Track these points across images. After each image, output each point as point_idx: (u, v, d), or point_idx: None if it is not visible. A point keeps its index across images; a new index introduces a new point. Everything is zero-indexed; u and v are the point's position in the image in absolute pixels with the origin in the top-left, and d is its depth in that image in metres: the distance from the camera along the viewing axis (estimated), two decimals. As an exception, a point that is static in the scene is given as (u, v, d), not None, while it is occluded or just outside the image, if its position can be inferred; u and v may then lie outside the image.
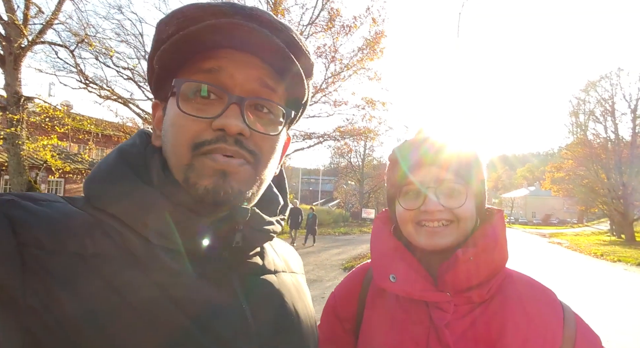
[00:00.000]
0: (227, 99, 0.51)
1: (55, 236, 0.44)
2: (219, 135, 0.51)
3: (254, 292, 0.56)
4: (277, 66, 0.54)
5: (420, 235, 0.81)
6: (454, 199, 0.80)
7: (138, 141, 0.57)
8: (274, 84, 0.55)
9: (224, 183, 0.50)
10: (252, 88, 0.53)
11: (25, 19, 8.26)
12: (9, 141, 8.33)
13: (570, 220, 62.55)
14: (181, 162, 0.51)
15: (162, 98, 0.58)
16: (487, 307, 0.79)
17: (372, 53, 13.73)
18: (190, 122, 0.51)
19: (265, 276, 0.60)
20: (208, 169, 0.50)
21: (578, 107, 30.19)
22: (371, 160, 36.22)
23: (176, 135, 0.52)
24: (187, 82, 0.52)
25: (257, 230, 0.57)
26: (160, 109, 0.59)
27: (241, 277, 0.56)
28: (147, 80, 0.60)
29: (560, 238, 27.26)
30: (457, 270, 0.77)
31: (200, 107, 0.52)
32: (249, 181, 0.53)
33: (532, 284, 0.83)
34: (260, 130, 0.53)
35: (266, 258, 0.62)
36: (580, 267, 12.45)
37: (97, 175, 0.53)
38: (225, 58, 0.52)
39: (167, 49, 0.51)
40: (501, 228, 0.82)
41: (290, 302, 0.61)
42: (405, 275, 0.80)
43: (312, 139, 15.10)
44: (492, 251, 0.78)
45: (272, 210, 0.64)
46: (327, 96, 14.60)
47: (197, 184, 0.50)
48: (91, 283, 0.42)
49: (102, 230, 0.47)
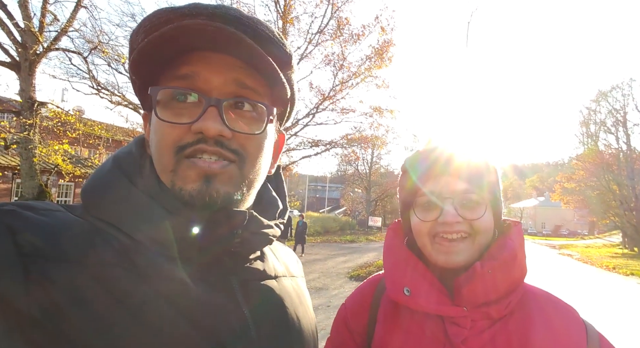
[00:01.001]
0: (204, 102, 0.51)
1: (58, 245, 0.44)
2: (199, 137, 0.50)
3: (254, 298, 0.56)
4: (249, 62, 0.53)
5: (436, 251, 0.79)
6: (472, 210, 0.78)
7: (134, 149, 0.58)
8: (253, 83, 0.54)
9: (208, 188, 0.50)
10: (230, 90, 0.53)
11: (41, 26, 8.46)
12: (22, 145, 8.47)
13: (580, 231, 61.40)
14: (166, 168, 0.52)
15: (148, 108, 0.59)
16: (507, 323, 0.75)
17: (380, 61, 13.78)
18: (170, 129, 0.51)
19: (266, 282, 0.60)
20: (190, 174, 0.50)
21: (589, 117, 29.88)
22: (378, 168, 36.14)
23: (159, 142, 0.52)
24: (162, 90, 0.52)
25: (256, 234, 0.56)
26: (148, 120, 0.59)
27: (242, 282, 0.56)
28: (134, 91, 0.60)
29: (571, 249, 26.75)
30: (474, 284, 0.74)
31: (179, 112, 0.51)
32: (235, 182, 0.53)
33: (553, 300, 0.80)
34: (243, 130, 0.53)
35: (267, 262, 0.62)
36: (592, 280, 12.16)
37: (94, 183, 0.53)
38: (198, 62, 0.52)
39: (136, 59, 0.51)
40: (520, 241, 0.79)
41: (291, 307, 0.61)
42: (420, 288, 0.78)
43: (320, 147, 15.11)
44: (511, 264, 0.75)
45: (272, 214, 0.63)
46: (335, 103, 14.65)
47: (182, 189, 0.50)
48: (94, 292, 0.42)
49: (102, 238, 0.47)
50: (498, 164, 0.84)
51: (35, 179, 8.68)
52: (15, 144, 8.72)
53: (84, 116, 13.72)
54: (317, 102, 14.60)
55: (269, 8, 12.36)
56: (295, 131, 14.84)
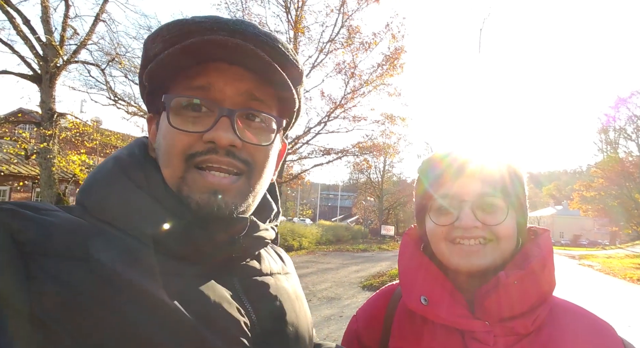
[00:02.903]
0: (217, 111, 0.52)
1: (59, 243, 0.44)
2: (210, 147, 0.52)
3: (253, 292, 0.57)
4: (264, 77, 0.55)
5: (453, 254, 0.73)
6: (492, 215, 0.72)
7: (137, 151, 0.58)
8: (263, 95, 0.56)
9: (216, 199, 0.51)
10: (242, 101, 0.54)
11: (61, 40, 8.75)
12: (41, 155, 8.70)
13: (601, 241, 59.40)
14: (174, 174, 0.53)
15: (155, 111, 0.60)
16: (534, 340, 0.69)
17: (391, 69, 13.79)
18: (181, 136, 0.52)
19: (264, 279, 0.61)
20: (200, 185, 0.51)
21: (607, 124, 29.16)
22: (391, 176, 35.88)
23: (168, 148, 0.53)
24: (177, 98, 0.53)
25: (254, 238, 0.57)
26: (153, 123, 0.60)
27: (241, 280, 0.57)
28: (140, 94, 0.62)
29: (591, 260, 25.87)
30: (498, 296, 0.68)
31: (191, 121, 0.53)
32: (243, 194, 0.54)
33: (587, 316, 0.73)
34: (253, 141, 0.54)
35: (262, 262, 0.63)
36: (615, 292, 11.70)
37: (95, 184, 0.54)
38: (214, 73, 0.53)
39: (154, 68, 0.52)
40: (548, 250, 0.73)
41: (288, 302, 0.62)
42: (438, 297, 0.72)
43: (331, 155, 15.11)
44: (539, 275, 0.69)
45: (265, 216, 0.64)
46: (347, 111, 14.69)
47: (189, 198, 0.51)
48: (98, 289, 0.43)
49: (104, 236, 0.48)
50: (523, 168, 0.79)
51: (53, 188, 8.89)
52: (35, 154, 8.97)
53: (102, 127, 14.06)
54: (329, 111, 14.67)
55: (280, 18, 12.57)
56: (307, 140, 14.91)
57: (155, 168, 0.55)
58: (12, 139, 9.37)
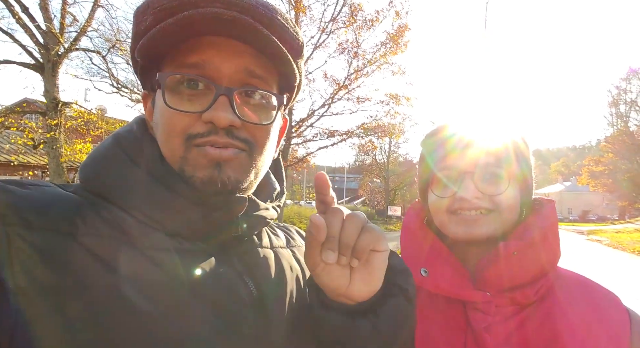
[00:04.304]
0: (215, 90, 0.50)
1: (43, 216, 0.43)
2: (210, 128, 0.50)
3: (252, 266, 0.57)
4: (263, 51, 0.53)
5: (454, 223, 0.73)
6: (493, 185, 0.72)
7: (135, 128, 0.58)
8: (262, 71, 0.54)
9: (219, 174, 0.50)
10: (240, 78, 0.52)
11: (61, 27, 8.67)
12: (48, 144, 8.78)
13: (610, 216, 59.05)
14: (175, 154, 0.52)
15: (150, 89, 0.58)
16: (536, 309, 0.70)
17: (395, 47, 13.49)
18: (179, 116, 0.50)
19: (263, 251, 0.60)
20: (201, 162, 0.50)
21: (618, 96, 28.49)
22: (397, 157, 35.68)
23: (166, 128, 0.52)
24: (172, 76, 0.51)
25: (253, 217, 0.57)
26: (149, 100, 0.59)
27: (239, 256, 0.56)
28: (133, 70, 0.60)
29: (600, 235, 25.82)
30: (498, 267, 0.68)
31: (188, 99, 0.51)
32: (245, 169, 0.53)
33: (591, 286, 0.74)
34: (253, 120, 0.53)
35: (263, 238, 0.63)
36: (623, 266, 11.72)
37: (93, 160, 0.53)
38: (208, 48, 0.51)
39: (146, 44, 0.50)
40: (552, 221, 0.72)
41: (291, 273, 0.61)
42: (439, 269, 0.73)
43: (336, 137, 15.02)
44: (540, 246, 0.69)
45: (266, 195, 0.63)
46: (350, 92, 14.48)
47: (193, 176, 0.50)
48: (83, 260, 0.42)
49: (95, 210, 0.47)
50: (527, 138, 0.78)
51: (62, 177, 9.00)
52: (43, 143, 9.05)
53: (106, 115, 14.08)
54: (332, 92, 14.47)
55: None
56: (311, 122, 14.79)
57: (152, 144, 0.54)
58: (19, 129, 9.45)
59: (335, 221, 0.49)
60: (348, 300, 0.52)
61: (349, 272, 0.51)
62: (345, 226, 0.49)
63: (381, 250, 0.51)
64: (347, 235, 0.49)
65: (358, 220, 0.49)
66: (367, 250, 0.50)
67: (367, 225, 0.50)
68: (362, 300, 0.52)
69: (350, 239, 0.49)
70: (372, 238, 0.49)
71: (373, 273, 0.51)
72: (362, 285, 0.51)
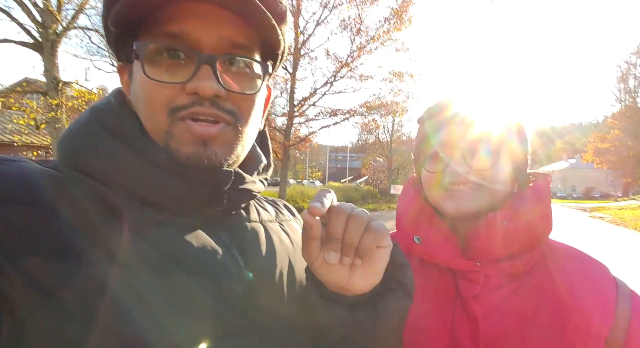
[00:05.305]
0: (197, 59, 0.48)
1: (20, 190, 0.42)
2: (194, 99, 0.48)
3: (241, 239, 0.56)
4: (245, 17, 0.50)
5: (444, 199, 0.75)
6: (482, 159, 0.72)
7: (113, 101, 0.55)
8: (244, 39, 0.51)
9: (206, 150, 0.49)
10: (222, 47, 0.50)
11: (59, 5, 8.48)
12: (50, 124, 8.78)
13: (614, 193, 58.97)
14: (159, 128, 0.50)
15: (126, 60, 0.55)
16: (525, 280, 0.72)
17: (399, 23, 13.15)
18: (161, 88, 0.48)
19: (251, 225, 0.59)
20: (187, 137, 0.49)
21: (628, 71, 27.83)
22: (400, 136, 35.44)
23: (148, 101, 0.49)
24: (151, 45, 0.48)
25: (239, 190, 0.55)
26: (126, 73, 0.56)
27: (226, 230, 0.55)
28: (107, 41, 0.55)
29: (603, 212, 25.87)
30: (487, 236, 0.70)
31: (169, 70, 0.49)
32: (231, 144, 0.52)
33: (581, 257, 0.76)
34: (237, 89, 0.51)
35: (251, 212, 0.61)
36: (624, 242, 11.81)
37: (71, 134, 0.51)
38: (187, 16, 0.48)
39: (120, 11, 0.47)
40: (544, 194, 0.73)
41: (280, 246, 0.60)
42: (431, 237, 0.75)
43: (338, 116, 14.89)
44: (530, 218, 0.70)
45: (252, 168, 0.62)
46: (353, 70, 14.24)
47: (178, 151, 0.49)
48: (64, 233, 0.41)
49: (76, 185, 0.46)
50: (523, 113, 0.78)
51: (67, 157, 9.04)
52: (45, 124, 9.05)
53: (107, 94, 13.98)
54: (335, 70, 14.24)
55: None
56: (313, 101, 14.64)
57: (131, 117, 0.52)
58: (21, 109, 9.43)
59: (338, 222, 0.48)
60: (347, 292, 0.52)
61: (349, 267, 0.51)
62: (348, 227, 0.48)
63: (384, 246, 0.51)
64: (351, 236, 0.48)
65: (361, 220, 0.49)
66: (370, 249, 0.49)
67: (371, 223, 0.50)
68: (361, 293, 0.52)
69: (353, 240, 0.48)
70: (376, 238, 0.49)
71: (374, 267, 0.51)
72: (362, 279, 0.51)
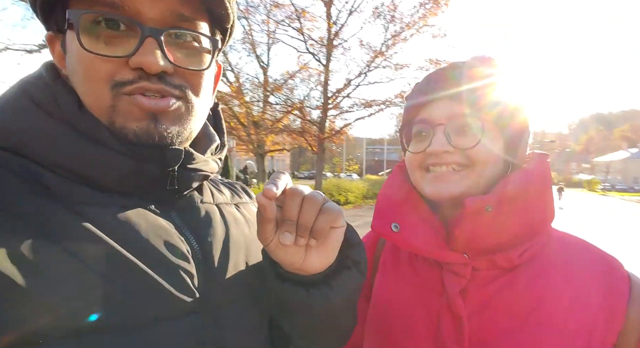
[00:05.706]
0: (140, 31, 0.44)
1: None
2: (139, 74, 0.45)
3: (194, 221, 0.54)
4: None
5: (425, 181, 0.67)
6: (467, 137, 0.64)
7: (44, 74, 0.51)
8: (191, 12, 0.48)
9: (156, 126, 0.47)
10: (166, 21, 0.46)
11: None
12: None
13: (684, 185, 53.25)
14: (101, 103, 0.46)
15: (56, 30, 0.50)
16: (520, 274, 0.62)
17: (435, 7, 12.62)
18: (101, 61, 0.45)
19: (205, 206, 0.57)
20: (135, 111, 0.46)
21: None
22: (439, 126, 34.24)
23: (88, 76, 0.46)
24: (87, 14, 0.44)
25: (190, 170, 0.52)
26: (57, 44, 0.51)
27: (179, 212, 0.53)
28: (31, 6, 0.51)
29: (669, 206, 23.45)
30: (468, 224, 0.61)
31: (109, 42, 0.45)
32: (183, 120, 0.49)
33: (588, 249, 0.65)
34: (187, 65, 0.48)
35: (205, 193, 0.59)
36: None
37: None
38: None
39: None
40: (540, 176, 0.63)
41: (236, 228, 0.59)
42: (412, 225, 0.67)
43: (373, 107, 14.62)
44: (521, 203, 0.61)
45: (204, 147, 0.59)
46: (388, 59, 13.90)
47: (124, 128, 0.46)
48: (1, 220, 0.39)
49: (8, 168, 0.43)
50: (524, 82, 0.67)
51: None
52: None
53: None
54: (369, 60, 13.98)
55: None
56: (347, 93, 14.49)
57: (67, 92, 0.48)
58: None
59: (293, 204, 0.48)
60: (302, 272, 0.52)
61: (305, 248, 0.51)
62: (303, 208, 0.48)
63: (338, 227, 0.51)
64: (306, 218, 0.48)
65: (316, 201, 0.49)
66: (325, 230, 0.49)
67: (325, 205, 0.49)
68: (316, 272, 0.53)
69: (308, 221, 0.48)
70: (330, 219, 0.49)
71: (329, 247, 0.52)
72: (317, 259, 0.52)
